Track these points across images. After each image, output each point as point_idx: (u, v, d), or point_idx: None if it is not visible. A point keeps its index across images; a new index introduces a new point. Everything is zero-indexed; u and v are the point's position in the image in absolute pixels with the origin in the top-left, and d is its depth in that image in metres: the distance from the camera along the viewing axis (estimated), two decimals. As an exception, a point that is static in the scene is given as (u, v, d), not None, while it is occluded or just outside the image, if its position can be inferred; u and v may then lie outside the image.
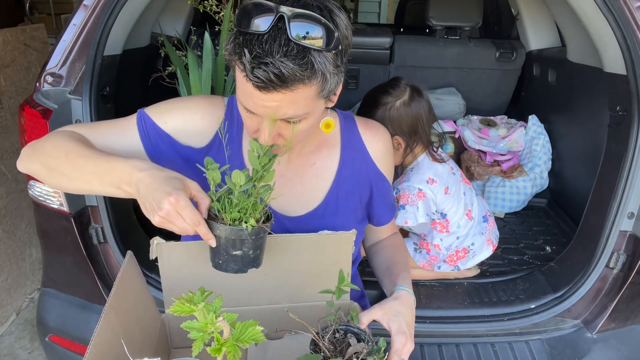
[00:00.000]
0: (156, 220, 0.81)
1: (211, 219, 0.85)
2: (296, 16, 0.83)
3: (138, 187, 0.83)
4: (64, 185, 0.97)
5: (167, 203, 0.79)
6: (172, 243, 0.98)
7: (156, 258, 0.98)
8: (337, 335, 0.89)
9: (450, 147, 2.43)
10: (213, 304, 0.73)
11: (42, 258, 1.61)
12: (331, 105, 1.00)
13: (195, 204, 0.84)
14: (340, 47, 0.88)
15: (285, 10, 0.82)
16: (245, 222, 0.82)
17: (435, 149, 1.70)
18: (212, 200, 0.86)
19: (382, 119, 1.57)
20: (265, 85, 0.83)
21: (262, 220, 0.87)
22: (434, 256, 1.72)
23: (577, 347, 1.46)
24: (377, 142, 1.18)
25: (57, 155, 0.93)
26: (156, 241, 0.97)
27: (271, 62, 0.81)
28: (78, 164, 0.91)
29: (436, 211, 1.67)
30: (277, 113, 0.88)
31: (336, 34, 0.85)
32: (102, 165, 0.89)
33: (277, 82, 0.82)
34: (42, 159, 0.96)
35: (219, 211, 0.86)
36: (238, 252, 0.84)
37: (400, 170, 1.76)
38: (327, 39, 0.84)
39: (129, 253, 0.96)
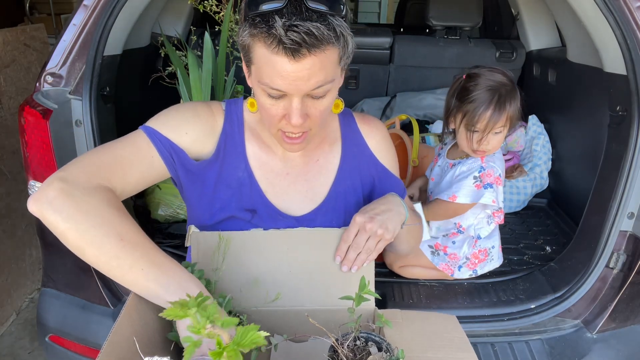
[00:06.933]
0: None
1: None
2: None
3: None
4: (113, 274, 0.83)
5: None
6: (207, 233, 1.00)
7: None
8: (357, 342, 0.86)
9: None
10: (208, 309, 0.70)
11: (42, 258, 1.61)
12: (340, 85, 1.01)
13: None
14: (348, 15, 0.92)
15: None
16: None
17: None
18: None
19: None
20: (299, 47, 0.84)
21: None
22: (452, 255, 1.71)
23: (577, 347, 1.45)
24: (374, 136, 1.19)
25: (111, 235, 0.82)
26: (192, 229, 0.99)
27: (301, 25, 0.83)
28: (135, 256, 0.82)
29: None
30: (308, 82, 0.89)
31: (342, 0, 0.90)
32: (159, 268, 0.83)
33: (310, 41, 0.84)
34: (87, 233, 0.81)
35: None
36: None
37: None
38: (337, 5, 0.88)
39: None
